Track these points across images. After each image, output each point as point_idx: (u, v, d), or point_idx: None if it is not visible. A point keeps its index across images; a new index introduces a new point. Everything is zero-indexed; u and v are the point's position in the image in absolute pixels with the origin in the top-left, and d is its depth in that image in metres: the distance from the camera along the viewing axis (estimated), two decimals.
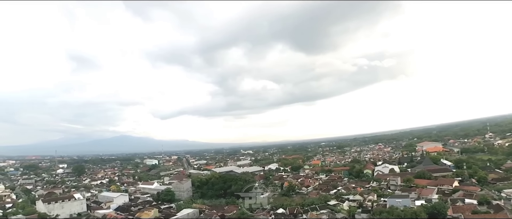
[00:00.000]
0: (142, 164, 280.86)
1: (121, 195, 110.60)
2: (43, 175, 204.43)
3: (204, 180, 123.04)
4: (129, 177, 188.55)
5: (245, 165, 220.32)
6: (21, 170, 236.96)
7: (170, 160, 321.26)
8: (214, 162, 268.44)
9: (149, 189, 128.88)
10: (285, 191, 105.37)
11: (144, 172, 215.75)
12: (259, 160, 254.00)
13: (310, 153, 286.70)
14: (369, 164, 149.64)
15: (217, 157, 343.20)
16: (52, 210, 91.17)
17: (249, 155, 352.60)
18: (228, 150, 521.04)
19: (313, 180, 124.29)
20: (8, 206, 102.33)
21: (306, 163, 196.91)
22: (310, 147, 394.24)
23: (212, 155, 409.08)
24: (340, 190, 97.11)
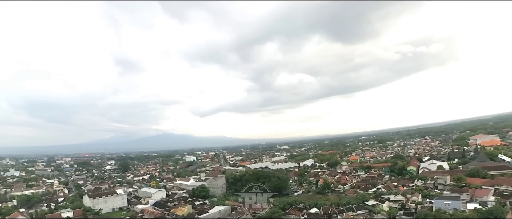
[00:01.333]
0: (181, 160, 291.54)
1: (159, 190, 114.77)
2: (94, 171, 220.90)
3: (238, 176, 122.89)
4: (169, 173, 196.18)
5: (280, 161, 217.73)
6: (75, 166, 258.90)
7: (208, 156, 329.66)
8: (250, 158, 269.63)
9: (185, 185, 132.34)
10: (320, 189, 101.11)
11: (183, 168, 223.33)
12: (295, 156, 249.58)
13: (349, 148, 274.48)
14: (413, 160, 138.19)
15: (253, 153, 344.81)
16: (96, 205, 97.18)
17: (285, 150, 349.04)
18: (264, 146, 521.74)
19: (351, 177, 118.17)
20: (60, 200, 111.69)
21: (344, 159, 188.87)
22: (348, 142, 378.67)
23: (248, 151, 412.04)
24: (380, 189, 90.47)
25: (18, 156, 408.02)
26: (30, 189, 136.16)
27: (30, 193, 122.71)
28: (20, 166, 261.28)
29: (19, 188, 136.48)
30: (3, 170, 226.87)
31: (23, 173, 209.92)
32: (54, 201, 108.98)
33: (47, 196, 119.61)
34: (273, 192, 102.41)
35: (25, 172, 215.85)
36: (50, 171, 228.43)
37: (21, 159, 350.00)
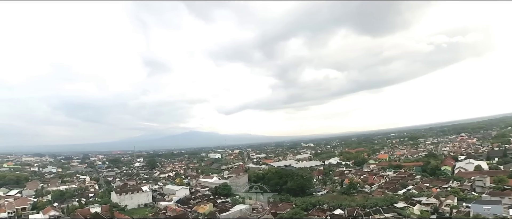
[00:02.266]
0: (206, 158, 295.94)
1: (182, 188, 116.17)
2: (123, 168, 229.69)
3: (261, 174, 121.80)
4: (193, 170, 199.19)
5: (304, 159, 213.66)
6: (107, 163, 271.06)
7: (232, 153, 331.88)
8: (273, 156, 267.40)
9: (208, 182, 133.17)
10: (346, 189, 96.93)
11: (207, 165, 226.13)
12: (320, 154, 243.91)
13: (377, 146, 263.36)
14: (448, 159, 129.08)
15: (277, 151, 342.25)
16: (122, 201, 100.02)
17: (310, 148, 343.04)
18: (288, 143, 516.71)
19: (379, 177, 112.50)
20: (90, 196, 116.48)
21: (372, 157, 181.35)
22: (377, 139, 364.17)
23: (272, 148, 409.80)
24: (410, 190, 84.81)
25: (56, 153, 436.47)
26: (64, 184, 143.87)
27: (63, 189, 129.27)
28: (57, 163, 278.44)
29: (54, 184, 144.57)
30: (42, 166, 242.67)
31: (59, 170, 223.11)
32: (85, 197, 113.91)
33: (79, 192, 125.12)
34: (296, 191, 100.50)
35: (61, 169, 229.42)
36: (84, 167, 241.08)
37: (59, 156, 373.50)
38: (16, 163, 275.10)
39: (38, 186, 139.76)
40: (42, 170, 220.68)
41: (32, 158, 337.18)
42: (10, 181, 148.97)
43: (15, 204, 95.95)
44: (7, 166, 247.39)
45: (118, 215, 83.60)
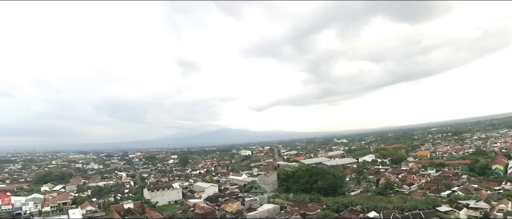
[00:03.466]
0: (237, 155, 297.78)
1: (211, 185, 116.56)
2: (158, 165, 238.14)
3: (290, 172, 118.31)
4: (224, 167, 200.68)
5: (337, 156, 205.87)
6: (143, 160, 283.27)
7: (263, 150, 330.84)
8: (305, 153, 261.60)
9: (237, 180, 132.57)
10: (381, 189, 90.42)
11: (238, 162, 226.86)
12: (353, 150, 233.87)
13: (416, 142, 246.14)
14: (499, 156, 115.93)
15: (308, 147, 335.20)
16: (154, 197, 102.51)
17: (343, 144, 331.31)
18: (320, 139, 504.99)
19: (419, 177, 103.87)
20: (126, 191, 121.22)
21: (411, 154, 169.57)
22: (416, 134, 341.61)
23: (304, 145, 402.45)
24: (455, 192, 76.64)
25: (99, 151, 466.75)
26: (103, 180, 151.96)
27: (102, 185, 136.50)
28: (99, 160, 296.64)
29: (94, 180, 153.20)
30: (86, 163, 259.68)
31: (100, 166, 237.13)
32: (121, 192, 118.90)
33: (115, 188, 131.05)
34: (327, 191, 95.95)
35: (102, 165, 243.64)
36: (122, 164, 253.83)
37: (101, 154, 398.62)
38: (63, 160, 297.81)
39: (80, 181, 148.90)
40: (85, 166, 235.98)
41: (78, 155, 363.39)
42: (56, 177, 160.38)
43: (57, 199, 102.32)
44: (56, 162, 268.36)
45: (149, 211, 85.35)
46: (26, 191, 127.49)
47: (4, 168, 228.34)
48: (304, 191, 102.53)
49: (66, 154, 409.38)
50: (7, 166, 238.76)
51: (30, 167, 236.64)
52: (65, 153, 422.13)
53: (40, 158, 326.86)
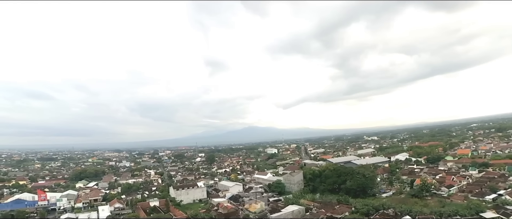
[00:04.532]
0: (263, 153, 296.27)
1: (236, 184, 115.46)
2: (186, 163, 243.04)
3: (317, 172, 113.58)
4: (249, 166, 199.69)
5: (367, 154, 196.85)
6: (172, 158, 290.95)
7: (289, 148, 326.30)
8: (332, 151, 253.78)
9: (262, 179, 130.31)
10: (416, 191, 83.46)
11: (263, 160, 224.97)
12: (385, 148, 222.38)
13: (455, 139, 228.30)
14: None
15: (336, 145, 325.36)
16: (179, 195, 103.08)
17: (373, 142, 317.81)
18: (349, 137, 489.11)
19: (459, 178, 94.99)
20: (153, 189, 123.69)
21: (449, 153, 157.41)
22: (454, 131, 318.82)
23: (332, 142, 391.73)
24: (502, 195, 68.45)
25: (132, 149, 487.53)
26: (133, 178, 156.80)
27: (132, 182, 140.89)
28: (131, 158, 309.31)
29: (125, 177, 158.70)
30: (118, 161, 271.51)
31: (132, 164, 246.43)
32: (149, 190, 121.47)
33: (144, 185, 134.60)
34: (356, 192, 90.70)
35: (134, 163, 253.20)
36: (152, 162, 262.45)
37: (134, 152, 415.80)
38: (99, 158, 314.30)
39: (112, 179, 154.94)
40: (117, 164, 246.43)
41: (112, 154, 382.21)
42: (90, 174, 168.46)
43: (89, 196, 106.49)
44: (92, 160, 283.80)
45: (173, 210, 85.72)
46: (63, 187, 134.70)
47: (46, 165, 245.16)
48: (332, 191, 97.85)
49: (102, 152, 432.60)
50: (49, 164, 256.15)
51: (69, 164, 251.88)
52: (101, 151, 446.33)
53: (78, 156, 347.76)
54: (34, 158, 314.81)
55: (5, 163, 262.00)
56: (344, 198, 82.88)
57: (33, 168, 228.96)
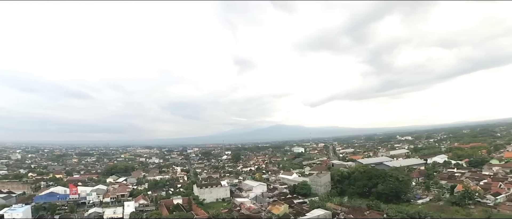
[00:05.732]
0: (290, 152, 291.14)
1: (260, 184, 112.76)
2: (212, 161, 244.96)
3: (346, 173, 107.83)
4: (275, 165, 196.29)
5: (400, 155, 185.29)
6: (199, 155, 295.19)
7: (317, 147, 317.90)
8: (363, 151, 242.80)
9: (287, 179, 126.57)
10: (458, 198, 75.37)
11: (289, 160, 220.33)
12: (420, 149, 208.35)
13: (500, 140, 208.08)
14: None
15: (367, 145, 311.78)
16: (202, 194, 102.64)
17: (407, 142, 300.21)
18: (381, 136, 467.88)
19: (507, 185, 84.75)
20: (178, 186, 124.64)
21: (494, 155, 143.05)
22: (499, 131, 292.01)
23: (362, 142, 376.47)
24: None
25: (162, 146, 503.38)
26: (160, 174, 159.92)
27: (159, 178, 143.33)
28: (161, 155, 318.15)
29: (153, 173, 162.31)
30: (149, 157, 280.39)
31: (161, 160, 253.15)
32: (174, 187, 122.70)
33: (170, 182, 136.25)
34: (388, 197, 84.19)
35: (162, 160, 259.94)
36: (180, 159, 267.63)
37: (164, 149, 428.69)
38: (131, 154, 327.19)
39: (140, 175, 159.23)
40: (147, 160, 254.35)
41: (143, 150, 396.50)
42: (120, 169, 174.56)
43: (117, 191, 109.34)
44: (124, 156, 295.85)
45: (195, 208, 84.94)
46: (94, 181, 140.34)
47: (82, 160, 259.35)
48: (361, 195, 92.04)
49: (134, 148, 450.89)
50: (85, 159, 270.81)
51: (103, 159, 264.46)
52: (133, 148, 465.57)
53: (112, 152, 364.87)
54: (72, 153, 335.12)
55: (47, 157, 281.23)
56: (375, 203, 77.06)
57: (71, 162, 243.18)
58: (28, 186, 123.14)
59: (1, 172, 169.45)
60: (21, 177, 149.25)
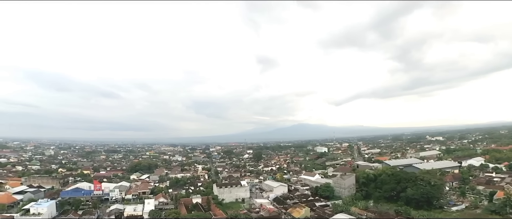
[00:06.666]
0: (312, 151, 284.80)
1: (280, 185, 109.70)
2: (233, 159, 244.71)
3: (372, 176, 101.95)
4: (297, 165, 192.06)
5: (431, 157, 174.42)
6: (221, 154, 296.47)
7: (340, 147, 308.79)
8: (389, 152, 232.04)
9: (309, 180, 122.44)
10: (498, 206, 68.11)
11: (312, 160, 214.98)
12: (453, 151, 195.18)
13: None
14: None
15: (394, 145, 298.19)
16: (221, 194, 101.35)
17: (438, 142, 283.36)
18: (409, 136, 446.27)
19: None
20: (199, 184, 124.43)
21: None
22: None
23: (389, 142, 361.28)
24: None
25: (185, 144, 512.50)
26: (182, 172, 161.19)
27: (180, 176, 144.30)
28: (184, 152, 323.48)
29: (175, 171, 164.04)
30: (172, 155, 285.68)
31: (184, 158, 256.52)
32: (194, 185, 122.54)
33: (191, 180, 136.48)
34: (419, 202, 78.07)
35: (185, 157, 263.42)
36: (202, 157, 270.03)
37: (187, 147, 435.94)
38: (155, 151, 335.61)
39: (163, 172, 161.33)
40: (171, 158, 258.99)
41: (168, 148, 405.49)
42: (144, 167, 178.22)
43: (138, 188, 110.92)
44: (149, 154, 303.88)
45: (214, 208, 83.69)
46: (119, 178, 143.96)
47: (110, 157, 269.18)
48: (388, 199, 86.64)
49: (159, 146, 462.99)
50: (112, 155, 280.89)
51: (129, 157, 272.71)
52: (158, 145, 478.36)
53: (139, 149, 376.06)
54: (101, 150, 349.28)
55: (77, 154, 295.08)
56: (404, 209, 71.72)
57: (99, 158, 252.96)
58: (57, 181, 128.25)
59: (34, 167, 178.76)
60: (51, 172, 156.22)
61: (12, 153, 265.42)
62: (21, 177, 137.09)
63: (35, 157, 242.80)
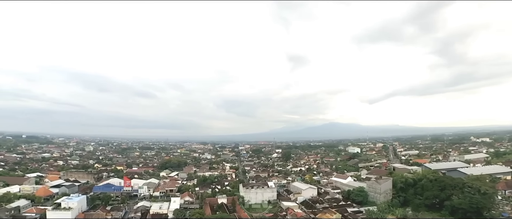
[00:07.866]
0: (344, 152, 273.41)
1: (309, 187, 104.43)
2: (262, 158, 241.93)
3: (411, 180, 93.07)
4: (327, 166, 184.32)
5: (478, 160, 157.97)
6: (250, 153, 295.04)
7: (374, 148, 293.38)
8: (429, 154, 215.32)
9: (341, 183, 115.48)
10: None
11: (344, 160, 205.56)
12: (504, 154, 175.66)
13: None
14: None
15: (434, 146, 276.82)
16: (247, 195, 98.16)
17: (485, 144, 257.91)
18: (450, 136, 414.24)
19: None
20: (226, 183, 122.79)
21: None
22: None
23: (428, 143, 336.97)
24: None
25: (216, 142, 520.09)
26: (210, 170, 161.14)
27: (208, 174, 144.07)
28: (214, 151, 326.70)
29: (203, 169, 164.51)
30: (202, 153, 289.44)
31: (213, 156, 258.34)
32: (221, 184, 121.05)
33: (218, 179, 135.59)
34: (466, 212, 69.15)
35: (214, 156, 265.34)
36: (231, 155, 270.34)
37: (217, 145, 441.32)
38: (186, 149, 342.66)
39: (191, 170, 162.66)
40: (200, 156, 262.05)
41: (198, 146, 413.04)
42: (173, 164, 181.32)
43: (166, 186, 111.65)
44: (180, 151, 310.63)
45: (239, 210, 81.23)
46: (149, 174, 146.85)
47: (143, 153, 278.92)
48: (430, 208, 78.14)
49: (190, 144, 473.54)
50: (145, 152, 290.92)
51: (161, 154, 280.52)
52: (189, 143, 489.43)
53: (171, 147, 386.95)
54: (136, 147, 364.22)
55: (114, 150, 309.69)
56: None
57: (133, 155, 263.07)
58: (92, 176, 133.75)
59: (73, 162, 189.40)
60: (88, 167, 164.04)
61: (56, 149, 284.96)
62: (61, 171, 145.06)
63: (75, 153, 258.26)
